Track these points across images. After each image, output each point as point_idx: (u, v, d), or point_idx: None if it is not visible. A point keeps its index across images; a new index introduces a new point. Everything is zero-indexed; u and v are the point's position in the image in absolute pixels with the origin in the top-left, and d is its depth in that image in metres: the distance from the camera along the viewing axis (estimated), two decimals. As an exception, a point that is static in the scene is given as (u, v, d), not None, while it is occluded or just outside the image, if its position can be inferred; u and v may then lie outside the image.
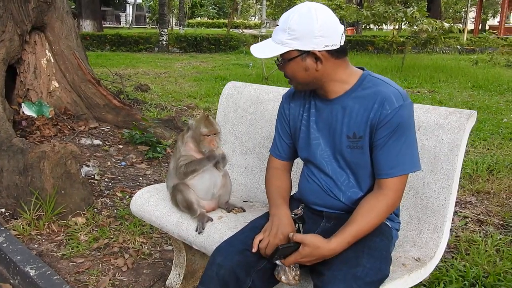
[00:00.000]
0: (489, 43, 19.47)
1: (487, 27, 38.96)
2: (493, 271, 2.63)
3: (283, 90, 2.54)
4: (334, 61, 1.57)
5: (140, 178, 4.05)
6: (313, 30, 1.50)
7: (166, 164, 4.42)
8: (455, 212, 3.49)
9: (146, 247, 2.94)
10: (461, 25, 32.82)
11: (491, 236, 3.07)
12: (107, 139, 4.70)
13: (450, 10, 44.32)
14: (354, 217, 1.54)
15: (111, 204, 3.53)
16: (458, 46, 16.96)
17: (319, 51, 1.53)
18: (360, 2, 28.35)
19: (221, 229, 2.02)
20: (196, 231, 2.07)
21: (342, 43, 1.57)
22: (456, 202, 3.64)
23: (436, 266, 2.65)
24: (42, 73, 4.73)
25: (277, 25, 1.61)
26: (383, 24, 18.00)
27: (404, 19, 13.77)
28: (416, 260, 1.81)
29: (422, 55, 17.17)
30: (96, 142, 4.54)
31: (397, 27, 19.13)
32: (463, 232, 3.15)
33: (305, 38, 1.51)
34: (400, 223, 1.82)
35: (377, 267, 1.47)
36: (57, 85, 4.81)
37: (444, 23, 13.21)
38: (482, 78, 10.92)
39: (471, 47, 20.33)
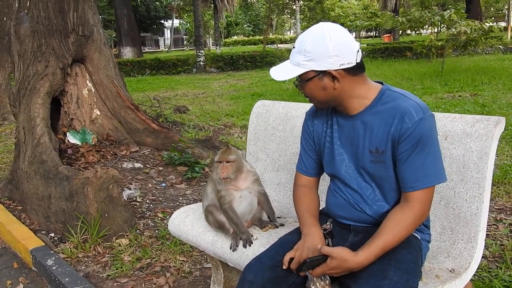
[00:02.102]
0: (536, 40, 18.75)
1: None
2: (543, 279, 2.53)
3: (310, 106, 2.58)
4: (351, 78, 1.60)
5: (180, 198, 4.16)
6: (327, 50, 1.54)
7: (205, 183, 4.52)
8: (500, 220, 3.38)
9: (186, 266, 3.02)
10: (504, 23, 31.70)
11: (540, 243, 2.96)
12: (147, 162, 4.85)
13: (492, 9, 42.93)
14: (381, 230, 1.55)
15: (153, 224, 3.64)
16: (501, 46, 16.42)
17: (335, 70, 1.56)
18: (396, 8, 28.02)
19: (255, 245, 2.07)
20: (230, 248, 2.12)
21: (358, 60, 1.59)
22: (500, 209, 3.57)
23: (479, 277, 2.60)
24: (84, 103, 4.97)
25: (294, 47, 1.66)
26: (421, 28, 17.71)
27: (441, 22, 13.53)
28: (450, 271, 1.78)
29: (463, 57, 16.74)
30: (137, 165, 4.70)
31: (435, 31, 18.77)
32: (508, 240, 3.05)
33: (320, 58, 1.55)
34: (430, 234, 1.80)
35: (404, 279, 1.47)
36: (98, 113, 5.04)
37: (484, 23, 12.87)
38: (528, 77, 10.53)
39: (516, 46, 19.60)
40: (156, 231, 3.53)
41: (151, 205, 4.00)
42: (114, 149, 4.90)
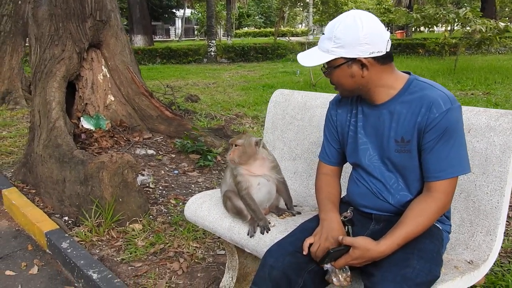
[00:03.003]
0: (550, 41, 18.54)
1: (547, 24, 36.97)
2: (556, 276, 2.53)
3: (330, 96, 2.57)
4: (380, 67, 1.60)
5: (192, 186, 4.18)
6: (358, 38, 1.54)
7: (217, 171, 4.54)
8: (513, 217, 3.37)
9: (199, 252, 3.04)
10: (518, 23, 31.34)
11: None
12: (160, 149, 4.88)
13: (506, 9, 42.39)
14: (404, 219, 1.55)
15: (166, 211, 3.67)
16: (516, 46, 16.27)
17: (365, 58, 1.57)
18: (410, 4, 27.78)
19: (272, 232, 2.08)
20: (248, 234, 2.13)
21: (388, 49, 1.59)
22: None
23: (492, 271, 2.61)
24: (99, 88, 4.98)
25: (323, 34, 1.66)
26: (434, 26, 17.57)
27: (456, 20, 13.41)
28: (469, 262, 1.79)
29: (476, 56, 16.58)
30: (150, 152, 4.73)
31: (449, 28, 18.63)
32: (521, 237, 3.04)
33: (350, 46, 1.55)
34: (451, 225, 1.80)
35: (427, 268, 1.48)
36: (112, 98, 5.06)
37: (499, 22, 12.74)
38: (542, 78, 10.43)
39: (530, 46, 19.39)
40: (169, 217, 3.55)
41: (164, 192, 4.02)
42: (127, 135, 4.92)
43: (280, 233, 2.06)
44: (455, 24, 15.46)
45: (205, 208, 2.44)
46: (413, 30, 29.03)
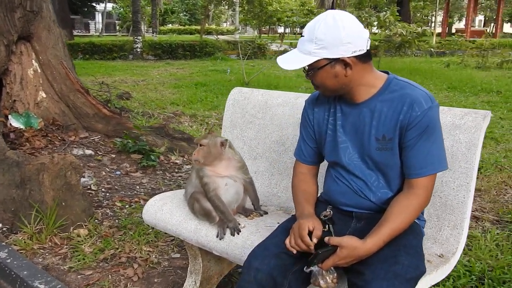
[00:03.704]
0: (458, 45, 20.16)
1: (453, 30, 40.10)
2: (496, 265, 2.72)
3: (293, 94, 2.58)
4: (361, 66, 1.62)
5: (137, 187, 4.01)
6: (340, 38, 1.55)
7: (161, 172, 4.39)
8: (452, 210, 3.58)
9: (153, 256, 2.91)
10: (429, 28, 33.65)
11: (489, 232, 3.17)
12: (98, 149, 4.63)
13: (418, 14, 45.32)
14: (388, 217, 1.58)
15: (112, 214, 3.48)
16: (432, 49, 17.42)
17: (348, 57, 1.57)
18: (333, 7, 28.74)
19: (243, 233, 2.04)
20: (217, 237, 2.07)
21: (368, 47, 1.62)
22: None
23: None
24: (29, 84, 4.63)
25: (302, 36, 1.64)
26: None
27: (376, 23, 14.12)
28: (440, 256, 1.86)
29: (395, 58, 17.52)
30: (88, 152, 4.47)
31: (370, 31, 19.59)
32: (462, 228, 3.24)
33: (333, 46, 1.56)
34: (425, 221, 1.87)
35: (415, 264, 1.52)
36: (44, 95, 4.72)
37: (416, 26, 13.60)
38: (456, 79, 11.24)
39: (441, 50, 20.90)
40: (117, 220, 3.37)
41: (108, 194, 3.82)
42: (62, 134, 4.62)
43: (252, 234, 2.03)
44: (375, 27, 16.29)
45: (166, 211, 2.34)
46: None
